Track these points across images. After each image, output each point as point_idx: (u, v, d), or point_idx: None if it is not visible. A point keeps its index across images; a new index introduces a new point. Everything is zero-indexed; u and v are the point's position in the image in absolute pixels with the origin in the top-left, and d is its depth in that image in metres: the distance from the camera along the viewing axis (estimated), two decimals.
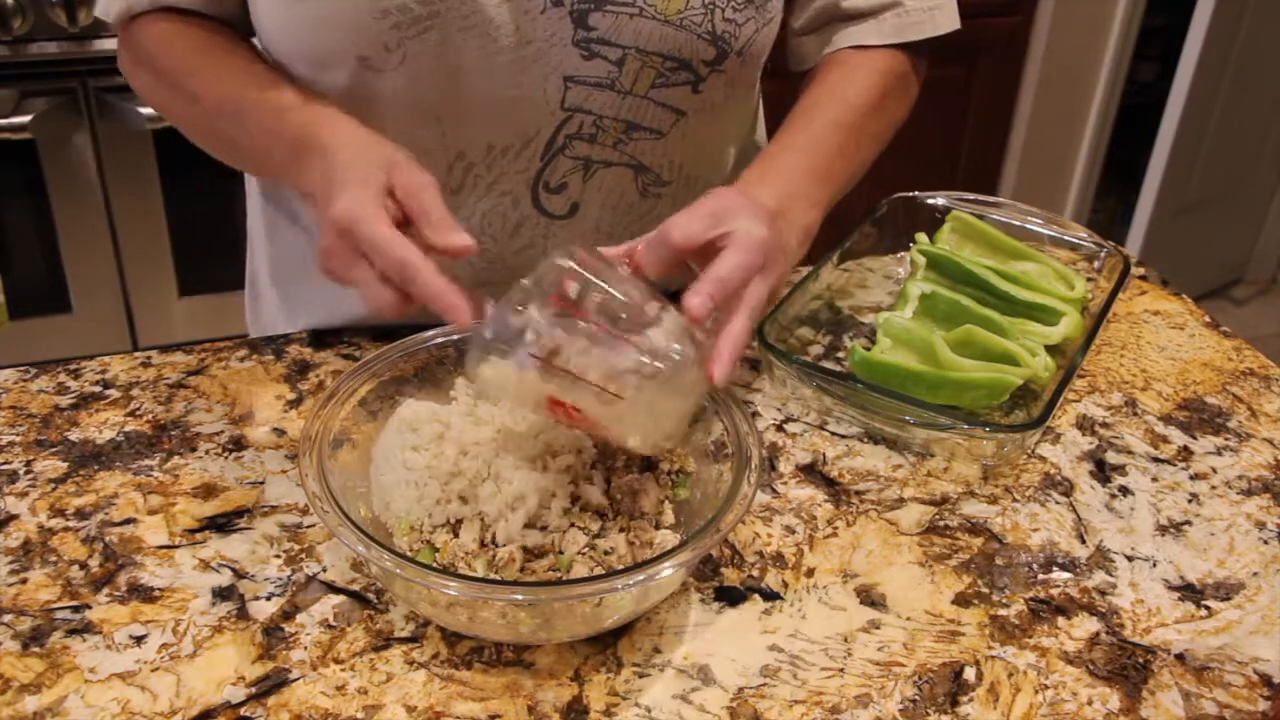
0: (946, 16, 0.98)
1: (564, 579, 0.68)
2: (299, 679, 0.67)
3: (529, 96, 0.86)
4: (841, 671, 0.69)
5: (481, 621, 0.67)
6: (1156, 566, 0.78)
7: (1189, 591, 0.76)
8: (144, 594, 0.72)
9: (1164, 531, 0.81)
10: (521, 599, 0.64)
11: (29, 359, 1.33)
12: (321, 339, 0.98)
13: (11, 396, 0.90)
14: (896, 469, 0.86)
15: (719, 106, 0.93)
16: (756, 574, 0.75)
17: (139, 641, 0.69)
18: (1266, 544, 0.80)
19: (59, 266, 2.04)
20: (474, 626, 0.68)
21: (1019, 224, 1.09)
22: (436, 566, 0.68)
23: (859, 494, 0.83)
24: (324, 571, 0.74)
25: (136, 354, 0.95)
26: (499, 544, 0.69)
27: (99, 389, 0.91)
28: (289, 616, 0.71)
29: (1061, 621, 0.73)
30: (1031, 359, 0.90)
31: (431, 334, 0.80)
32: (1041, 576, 0.76)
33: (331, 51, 0.83)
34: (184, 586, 0.73)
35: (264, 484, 0.81)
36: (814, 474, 0.85)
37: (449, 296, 0.66)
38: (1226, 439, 0.91)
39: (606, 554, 0.70)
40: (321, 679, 0.67)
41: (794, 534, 0.79)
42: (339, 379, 0.76)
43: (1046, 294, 0.98)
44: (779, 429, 0.89)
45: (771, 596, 0.74)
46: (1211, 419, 0.93)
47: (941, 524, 0.80)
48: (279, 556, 0.75)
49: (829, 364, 0.97)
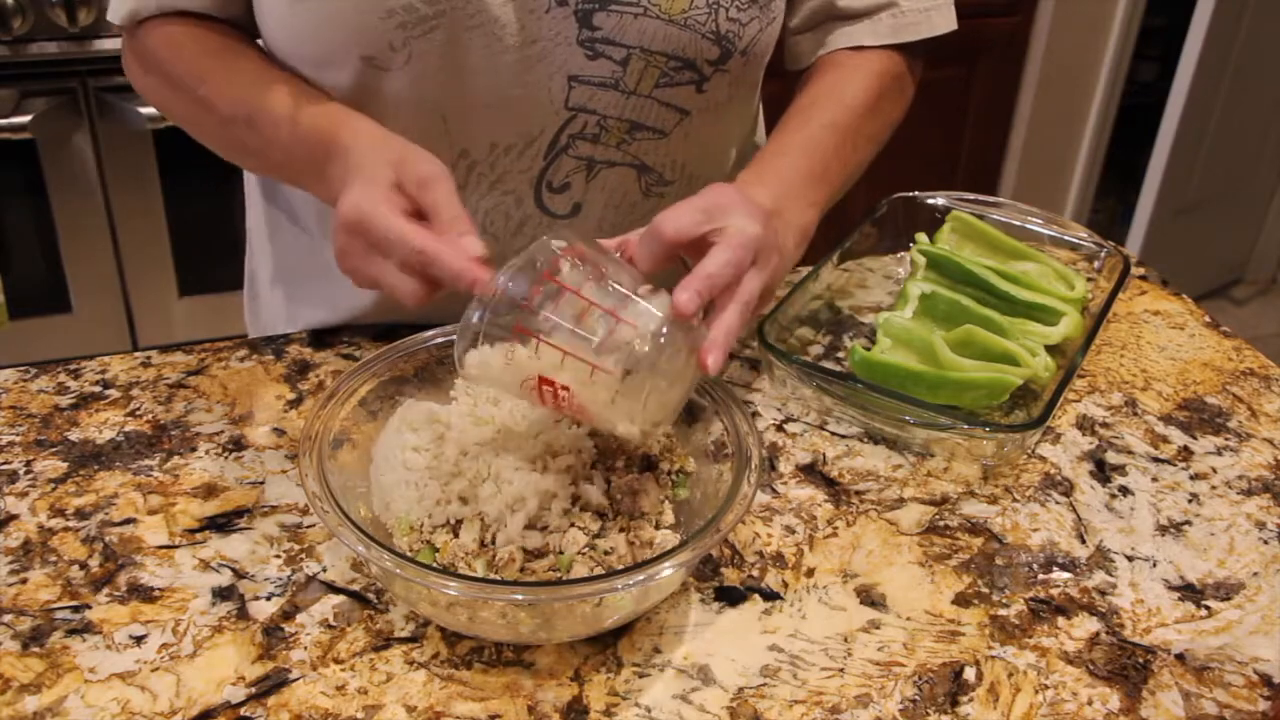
0: (943, 17, 0.97)
1: (564, 579, 0.68)
2: (299, 679, 0.67)
3: (533, 96, 0.86)
4: (841, 671, 0.69)
5: (481, 621, 0.67)
6: (1156, 566, 0.78)
7: (1189, 591, 0.76)
8: (144, 594, 0.72)
9: (1164, 531, 0.81)
10: (521, 599, 0.64)
11: (29, 359, 1.33)
12: (321, 339, 0.98)
13: (11, 396, 0.90)
14: (896, 469, 0.86)
15: (722, 106, 0.93)
16: (756, 574, 0.75)
17: (139, 641, 0.69)
18: (1266, 544, 0.80)
19: (59, 266, 2.04)
20: (474, 626, 0.68)
21: (1019, 224, 1.09)
22: (436, 566, 0.68)
23: (859, 494, 0.83)
24: (324, 571, 0.74)
25: (136, 354, 0.95)
26: (499, 544, 0.69)
27: (99, 389, 0.91)
28: (289, 616, 0.71)
29: (1061, 621, 0.73)
30: (1031, 359, 0.90)
31: (431, 334, 0.80)
32: (1041, 576, 0.76)
33: (336, 51, 0.83)
34: (184, 586, 0.73)
35: (264, 484, 0.81)
36: (814, 474, 0.85)
37: (471, 272, 0.67)
38: (1226, 439, 0.91)
39: (606, 554, 0.70)
40: (321, 679, 0.67)
41: (794, 534, 0.79)
42: (339, 379, 0.76)
43: (1046, 294, 0.98)
44: (779, 429, 0.89)
45: (771, 596, 0.74)
46: (1211, 419, 0.93)
47: (941, 524, 0.80)
48: (279, 556, 0.75)
49: (829, 364, 0.97)
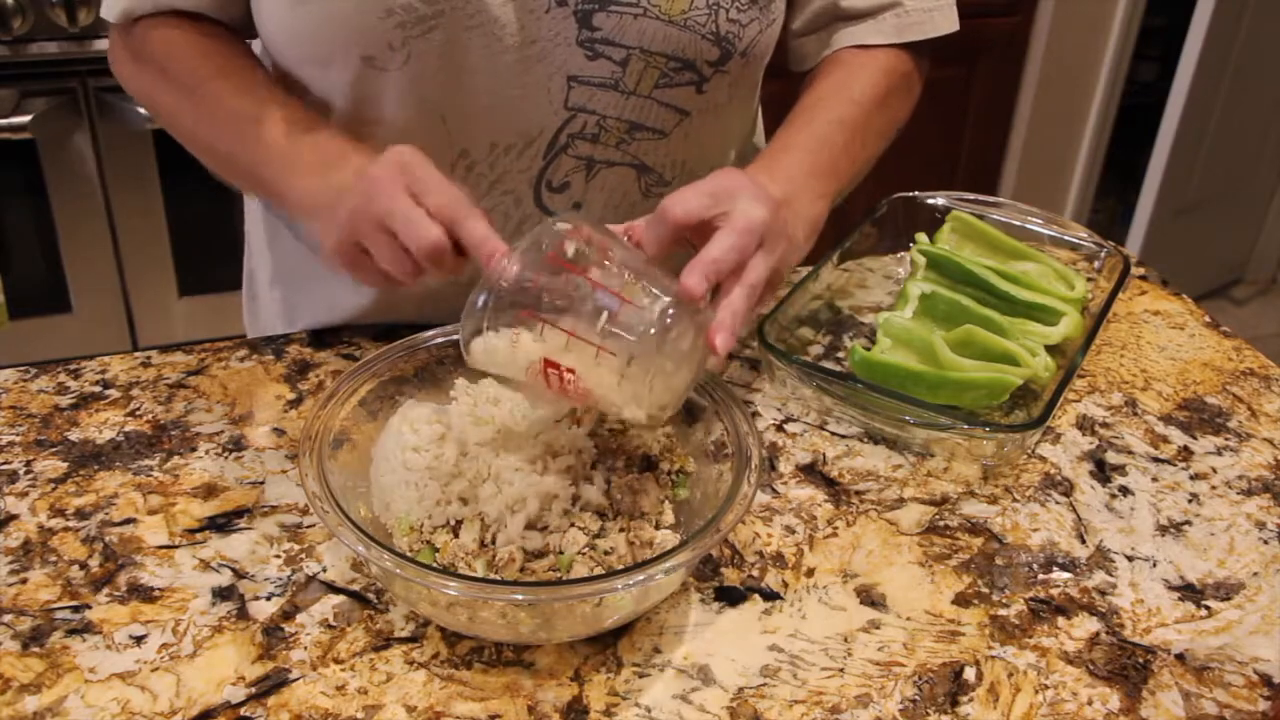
0: (945, 18, 0.98)
1: (564, 579, 0.68)
2: (299, 679, 0.67)
3: (532, 96, 0.86)
4: (841, 671, 0.69)
5: (481, 621, 0.67)
6: (1156, 566, 0.78)
7: (1189, 591, 0.76)
8: (144, 594, 0.72)
9: (1164, 531, 0.81)
10: (521, 599, 0.64)
11: (29, 359, 1.33)
12: (321, 339, 0.98)
13: (11, 396, 0.90)
14: (896, 469, 0.86)
15: (722, 107, 0.93)
16: (756, 574, 0.75)
17: (139, 641, 0.69)
18: (1266, 544, 0.80)
19: (59, 266, 2.04)
20: (474, 626, 0.68)
21: (1019, 224, 1.09)
22: (436, 566, 0.68)
23: (859, 494, 0.83)
24: (324, 571, 0.74)
25: (136, 354, 0.95)
26: (499, 544, 0.69)
27: (99, 389, 0.91)
28: (289, 616, 0.71)
29: (1061, 621, 0.73)
30: (1031, 359, 0.90)
31: (431, 334, 0.80)
32: (1041, 576, 0.76)
33: (336, 51, 0.83)
34: (184, 586, 0.73)
35: (264, 484, 0.81)
36: (814, 474, 0.85)
37: (493, 243, 0.68)
38: (1226, 439, 0.91)
39: (606, 554, 0.70)
40: (321, 679, 0.67)
41: (794, 534, 0.79)
42: (339, 379, 0.76)
43: (1046, 294, 0.98)
44: (779, 429, 0.89)
45: (771, 596, 0.74)
46: (1211, 419, 0.93)
47: (941, 524, 0.80)
48: (279, 556, 0.75)
49: (829, 364, 0.97)
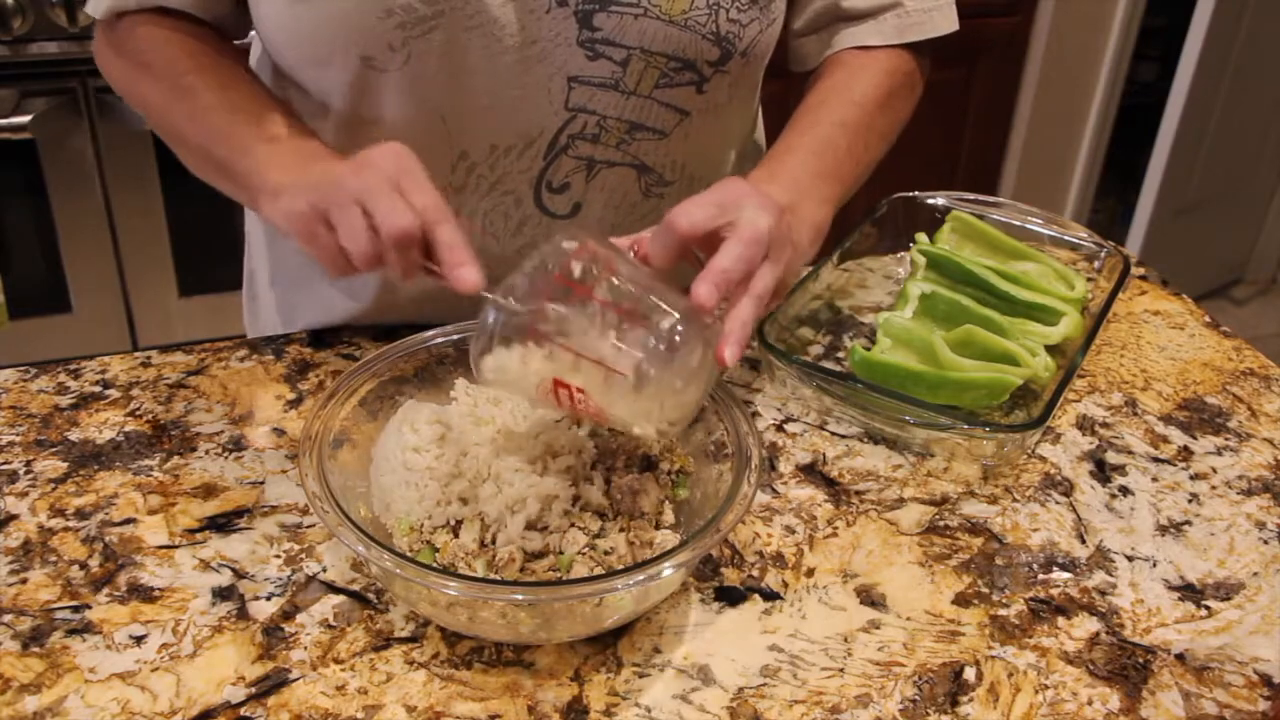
0: (945, 17, 0.98)
1: (564, 579, 0.68)
2: (299, 679, 0.67)
3: (533, 96, 0.86)
4: (841, 671, 0.69)
5: (481, 621, 0.67)
6: (1156, 566, 0.78)
7: (1189, 591, 0.76)
8: (144, 594, 0.72)
9: (1164, 531, 0.81)
10: (521, 599, 0.64)
11: (29, 359, 1.33)
12: (321, 339, 0.98)
13: (11, 396, 0.90)
14: (896, 469, 0.86)
15: (722, 107, 0.93)
16: (756, 574, 0.75)
17: (139, 641, 0.69)
18: (1266, 544, 0.80)
19: (59, 266, 2.04)
20: (474, 626, 0.68)
21: (1019, 224, 1.09)
22: (436, 566, 0.68)
23: (859, 494, 0.83)
24: (324, 571, 0.74)
25: (136, 354, 0.95)
26: (499, 544, 0.69)
27: (99, 389, 0.91)
28: (289, 616, 0.71)
29: (1061, 621, 0.73)
30: (1031, 359, 0.90)
31: (431, 334, 0.80)
32: (1041, 576, 0.76)
33: (335, 51, 0.83)
34: (184, 586, 0.73)
35: (264, 484, 0.81)
36: (814, 474, 0.85)
37: (462, 252, 0.68)
38: (1226, 439, 0.91)
39: (606, 554, 0.70)
40: (321, 679, 0.67)
41: (794, 534, 0.79)
42: (339, 379, 0.76)
43: (1046, 294, 0.98)
44: (779, 429, 0.89)
45: (771, 596, 0.74)
46: (1211, 419, 0.93)
47: (941, 524, 0.80)
48: (279, 556, 0.75)
49: (829, 364, 0.97)
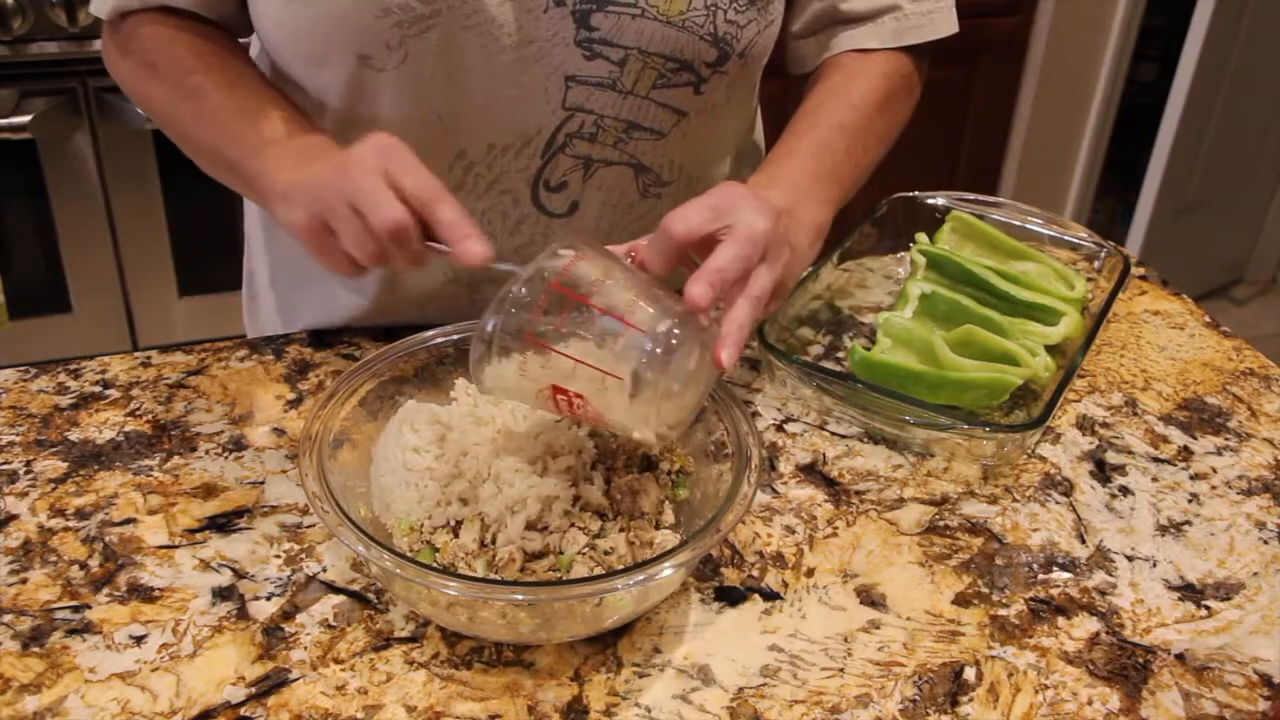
0: (945, 20, 0.97)
1: (564, 579, 0.68)
2: (299, 679, 0.67)
3: (530, 96, 0.86)
4: (841, 671, 0.69)
5: (481, 621, 0.67)
6: (1156, 566, 0.78)
7: (1189, 591, 0.76)
8: (144, 594, 0.72)
9: (1164, 531, 0.81)
10: (521, 599, 0.64)
11: (29, 359, 1.33)
12: (321, 339, 0.98)
13: (11, 396, 0.90)
14: (896, 469, 0.86)
15: (720, 107, 0.93)
16: (756, 574, 0.75)
17: (139, 641, 0.69)
18: (1266, 544, 0.80)
19: (59, 266, 2.04)
20: (474, 626, 0.68)
21: (1019, 224, 1.09)
22: (436, 566, 0.68)
23: (859, 494, 0.83)
24: (324, 571, 0.74)
25: (136, 354, 0.95)
26: (499, 544, 0.69)
27: (99, 389, 0.91)
28: (289, 616, 0.71)
29: (1061, 621, 0.73)
30: (1031, 359, 0.90)
31: (431, 334, 0.80)
32: (1041, 576, 0.76)
33: (332, 50, 0.83)
34: (184, 586, 0.73)
35: (264, 484, 0.81)
36: (814, 474, 0.85)
37: (464, 226, 0.68)
38: (1226, 439, 0.91)
39: (606, 554, 0.70)
40: (321, 679, 0.67)
41: (794, 534, 0.79)
42: (339, 379, 0.76)
43: (1046, 294, 0.98)
44: (779, 429, 0.89)
45: (771, 596, 0.74)
46: (1211, 419, 0.93)
47: (941, 524, 0.80)
48: (279, 556, 0.75)
49: (829, 364, 0.97)
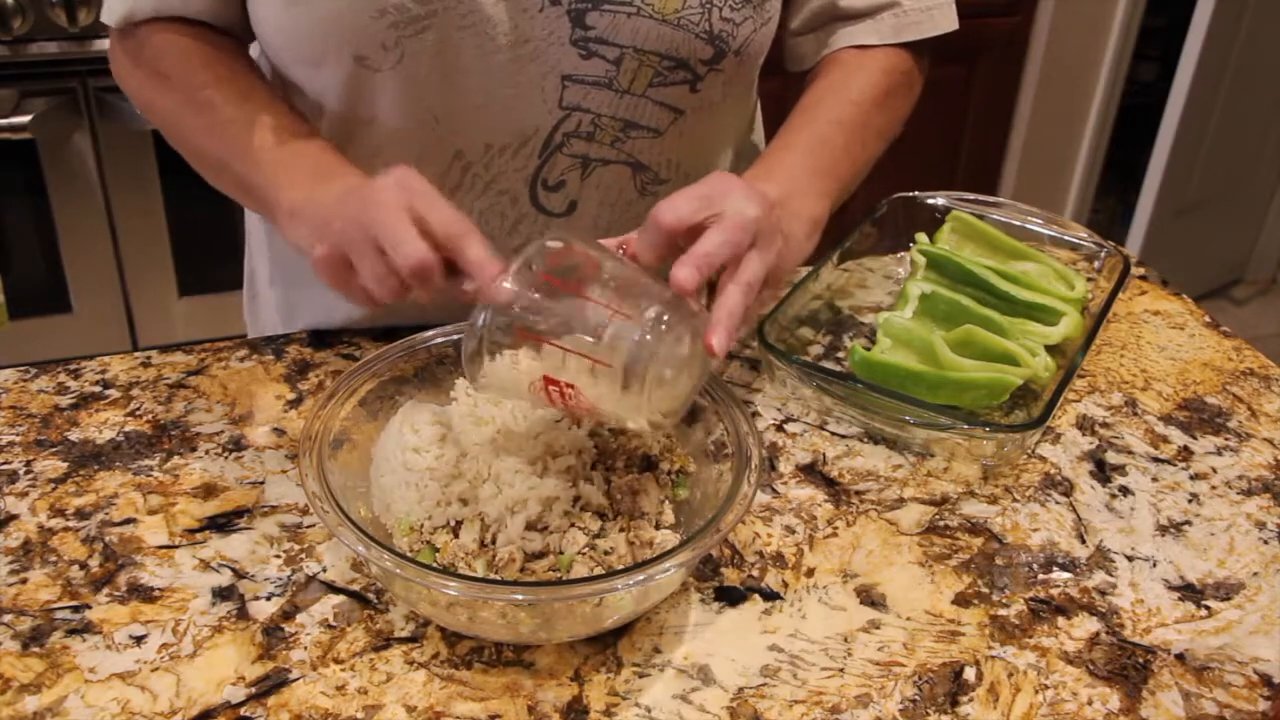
0: (944, 16, 0.97)
1: (564, 579, 0.68)
2: (299, 679, 0.67)
3: (526, 95, 0.86)
4: (841, 671, 0.69)
5: (481, 621, 0.67)
6: (1156, 566, 0.78)
7: (1189, 591, 0.76)
8: (144, 594, 0.72)
9: (1164, 531, 0.81)
10: (521, 599, 0.64)
11: (29, 359, 1.33)
12: (321, 339, 0.98)
13: (11, 396, 0.90)
14: (896, 469, 0.86)
15: (717, 105, 0.93)
16: (756, 574, 0.75)
17: (139, 641, 0.69)
18: (1266, 544, 0.80)
19: (59, 266, 2.04)
20: (474, 626, 0.68)
21: (1019, 224, 1.09)
22: (436, 566, 0.68)
23: (859, 494, 0.83)
24: (324, 571, 0.74)
25: (136, 354, 0.95)
26: (499, 544, 0.69)
27: (99, 389, 0.91)
28: (289, 616, 0.71)
29: (1061, 621, 0.73)
30: (1031, 359, 0.90)
31: (431, 334, 0.80)
32: (1041, 576, 0.76)
33: (329, 51, 0.83)
34: (184, 586, 0.73)
35: (264, 484, 0.81)
36: (814, 474, 0.85)
37: (491, 267, 0.67)
38: (1226, 439, 0.91)
39: (606, 554, 0.70)
40: (321, 679, 0.67)
41: (794, 534, 0.79)
42: (339, 379, 0.76)
43: (1046, 294, 0.98)
44: (779, 429, 0.89)
45: (771, 596, 0.74)
46: (1211, 419, 0.93)
47: (941, 524, 0.80)
48: (279, 556, 0.75)
49: (829, 364, 0.97)
